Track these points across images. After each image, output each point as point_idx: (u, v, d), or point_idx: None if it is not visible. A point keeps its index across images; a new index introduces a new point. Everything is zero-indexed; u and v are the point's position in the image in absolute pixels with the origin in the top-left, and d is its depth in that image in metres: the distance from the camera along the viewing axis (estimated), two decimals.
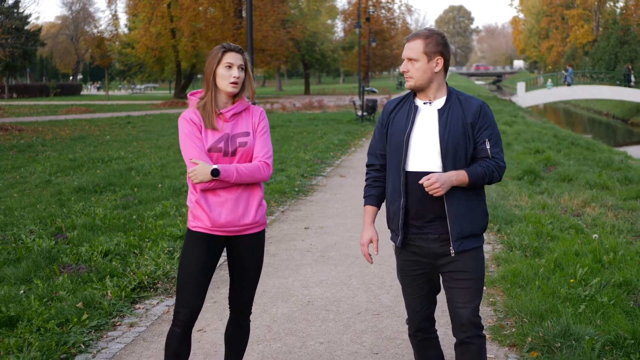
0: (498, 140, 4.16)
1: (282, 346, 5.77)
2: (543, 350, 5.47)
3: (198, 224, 4.34)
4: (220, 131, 4.31)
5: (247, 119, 4.42)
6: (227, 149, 4.31)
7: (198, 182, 4.22)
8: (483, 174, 4.07)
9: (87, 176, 14.56)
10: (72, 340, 5.69)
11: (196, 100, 4.40)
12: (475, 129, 4.10)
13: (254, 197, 4.40)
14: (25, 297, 6.62)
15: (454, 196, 4.03)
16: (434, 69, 4.11)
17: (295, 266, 8.17)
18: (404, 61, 4.16)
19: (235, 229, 4.36)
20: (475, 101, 4.15)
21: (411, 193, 4.08)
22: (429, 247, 4.11)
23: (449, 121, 4.07)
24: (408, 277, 4.25)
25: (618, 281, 7.08)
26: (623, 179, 14.30)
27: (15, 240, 8.91)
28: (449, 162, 4.03)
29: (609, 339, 5.56)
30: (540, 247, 8.55)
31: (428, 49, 4.09)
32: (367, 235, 4.31)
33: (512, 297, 6.72)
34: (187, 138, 4.28)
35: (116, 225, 9.72)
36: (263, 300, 6.90)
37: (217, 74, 4.30)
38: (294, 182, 13.88)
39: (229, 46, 4.34)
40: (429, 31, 4.17)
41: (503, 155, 4.18)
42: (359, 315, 6.49)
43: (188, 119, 4.31)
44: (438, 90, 4.16)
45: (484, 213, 4.21)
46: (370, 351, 5.64)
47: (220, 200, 4.30)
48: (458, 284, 4.12)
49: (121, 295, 6.82)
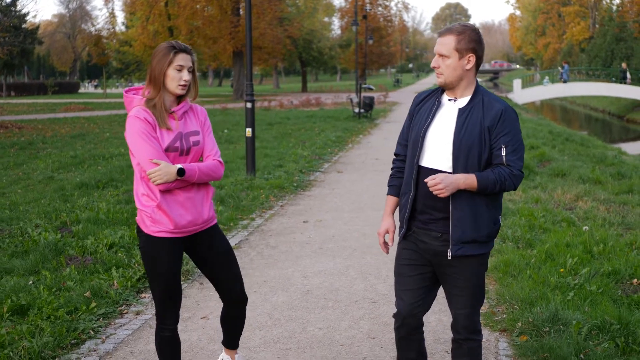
0: (518, 147, 4.01)
1: (283, 332, 6.02)
2: (532, 334, 5.72)
3: (160, 229, 4.27)
4: (174, 130, 4.28)
5: (194, 118, 4.41)
6: (183, 148, 4.29)
7: (162, 183, 4.15)
8: (494, 180, 3.94)
9: (88, 172, 14.79)
10: (82, 327, 5.94)
11: (139, 98, 4.31)
12: (492, 134, 3.97)
13: (208, 194, 4.44)
14: (35, 287, 6.87)
15: (460, 199, 3.95)
16: (465, 67, 4.01)
17: (295, 258, 8.41)
18: (435, 56, 4.07)
19: (195, 227, 4.37)
20: (498, 104, 4.02)
21: (421, 188, 4.04)
22: (431, 244, 4.07)
23: (466, 122, 3.97)
24: (404, 265, 4.20)
25: (607, 271, 7.34)
26: (616, 174, 14.55)
27: (22, 233, 9.15)
28: (460, 163, 3.95)
29: (596, 324, 5.81)
30: (532, 239, 8.80)
31: (460, 45, 3.98)
32: (384, 225, 4.30)
33: (504, 286, 6.98)
34: (142, 138, 4.17)
35: (120, 219, 9.96)
36: (264, 290, 7.15)
37: (167, 75, 4.23)
38: (293, 177, 14.13)
39: (180, 46, 4.26)
40: (462, 26, 4.04)
41: (522, 164, 4.03)
42: (356, 303, 6.75)
43: (142, 118, 4.19)
44: (466, 88, 4.06)
45: (492, 221, 4.08)
46: (367, 336, 5.89)
47: (179, 200, 4.28)
48: (454, 290, 4.11)
49: (127, 285, 7.07)
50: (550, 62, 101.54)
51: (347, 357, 5.47)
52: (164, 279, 4.34)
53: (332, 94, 65.19)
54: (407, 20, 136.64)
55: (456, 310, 4.13)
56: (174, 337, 4.50)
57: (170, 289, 4.37)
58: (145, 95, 4.29)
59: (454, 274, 4.07)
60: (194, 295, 6.96)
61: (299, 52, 78.70)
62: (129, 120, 4.23)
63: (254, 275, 7.66)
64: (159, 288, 4.36)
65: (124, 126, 4.28)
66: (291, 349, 5.63)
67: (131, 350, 5.62)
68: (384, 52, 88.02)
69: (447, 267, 4.07)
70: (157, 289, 4.37)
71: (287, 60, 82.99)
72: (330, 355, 5.51)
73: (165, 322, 4.44)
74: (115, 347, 5.70)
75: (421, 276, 4.18)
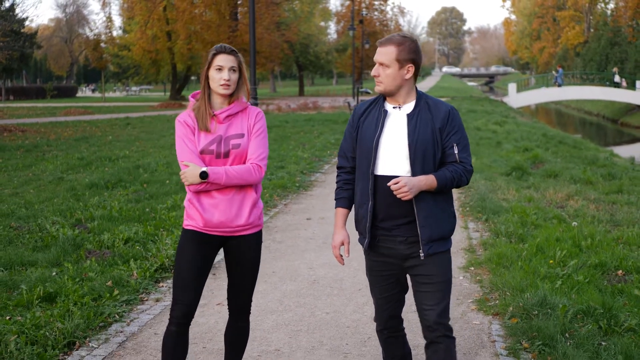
0: (466, 144, 4.20)
1: (293, 316, 6.53)
2: (522, 317, 6.23)
3: (191, 223, 4.39)
4: (213, 133, 4.32)
5: (242, 120, 4.42)
6: (220, 151, 4.32)
7: (188, 184, 4.27)
8: (451, 178, 4.09)
9: (97, 173, 15.27)
10: (108, 312, 6.44)
11: (193, 102, 4.45)
12: (443, 134, 4.12)
13: (247, 198, 4.40)
14: (59, 278, 7.37)
15: (423, 200, 4.06)
16: (404, 76, 4.12)
17: (300, 251, 8.92)
18: (376, 64, 4.17)
19: (228, 229, 4.38)
20: (444, 106, 4.18)
21: (380, 197, 4.11)
22: (397, 249, 4.15)
23: (417, 126, 4.09)
24: (376, 277, 4.31)
25: (594, 263, 7.86)
26: (607, 174, 15.11)
27: (40, 229, 9.64)
28: (418, 166, 4.06)
29: (581, 308, 6.31)
30: (524, 234, 9.32)
31: (400, 56, 4.08)
32: (338, 238, 4.34)
33: (496, 276, 7.50)
34: (181, 140, 4.32)
35: (132, 216, 10.47)
36: (273, 280, 7.66)
37: (209, 77, 4.34)
38: (294, 177, 14.65)
39: (221, 48, 4.35)
40: (402, 37, 4.13)
41: (471, 159, 4.22)
42: (359, 290, 7.26)
43: (182, 122, 4.36)
44: (407, 95, 4.18)
45: (451, 216, 4.24)
46: (370, 319, 6.39)
47: (213, 201, 4.33)
48: (425, 287, 4.16)
49: (145, 275, 7.57)
50: (545, 66, 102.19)
51: (353, 337, 5.99)
52: (180, 270, 4.39)
53: (329, 97, 65.80)
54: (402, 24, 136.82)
55: (429, 308, 4.16)
56: (180, 335, 4.47)
57: (184, 281, 4.38)
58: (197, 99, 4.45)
59: (426, 272, 4.14)
60: (209, 285, 7.43)
61: (296, 57, 79.24)
62: (175, 123, 4.44)
63: (263, 267, 8.13)
64: (176, 277, 4.41)
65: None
66: (301, 330, 6.15)
67: (154, 331, 6.12)
68: None
69: (419, 267, 4.15)
70: (174, 278, 4.43)
71: (284, 64, 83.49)
72: (337, 335, 6.03)
73: (173, 313, 4.43)
74: (140, 329, 6.20)
75: (394, 281, 4.30)
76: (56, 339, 5.67)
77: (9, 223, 10.02)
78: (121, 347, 5.80)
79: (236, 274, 4.56)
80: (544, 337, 5.71)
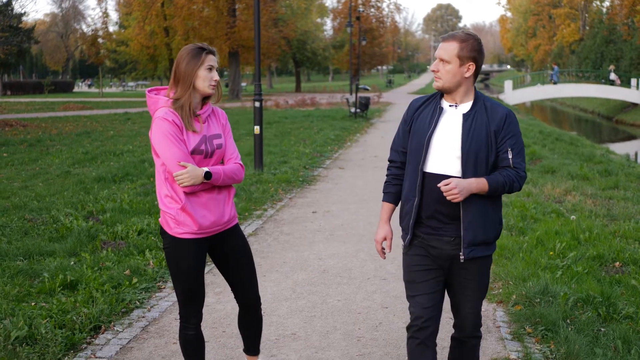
0: (521, 150, 4.10)
1: (307, 303, 6.83)
2: (525, 304, 6.54)
3: (184, 230, 4.32)
4: (199, 133, 4.32)
5: (215, 121, 4.46)
6: (207, 151, 4.33)
7: (189, 185, 4.20)
8: (503, 183, 4.01)
9: (103, 167, 15.55)
10: (129, 298, 6.73)
11: (165, 99, 4.32)
12: (498, 137, 4.04)
13: (230, 194, 4.49)
14: (78, 267, 7.65)
15: (470, 203, 3.99)
16: (464, 74, 4.05)
17: (309, 243, 9.21)
18: (436, 60, 4.11)
19: (217, 228, 4.42)
20: (501, 109, 4.10)
21: (426, 194, 4.06)
22: (442, 248, 4.09)
23: (472, 127, 4.02)
24: (417, 272, 4.17)
25: (592, 255, 8.16)
26: (603, 171, 15.47)
27: (54, 221, 9.91)
28: (469, 168, 3.99)
29: (581, 297, 6.62)
30: (524, 227, 9.62)
31: (462, 53, 4.02)
32: (381, 233, 4.32)
33: (499, 266, 7.80)
34: (169, 139, 4.20)
35: (142, 209, 10.74)
36: (284, 269, 7.95)
37: (198, 75, 4.27)
38: (298, 172, 14.95)
39: (209, 48, 4.33)
40: (466, 34, 4.07)
41: (525, 165, 4.12)
42: (368, 280, 7.56)
43: (170, 120, 4.21)
44: (466, 94, 4.11)
45: (498, 221, 4.15)
46: (380, 306, 6.71)
47: (202, 201, 4.33)
48: (465, 291, 4.17)
49: (161, 264, 7.86)
50: (540, 64, 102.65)
51: (365, 322, 6.29)
52: (187, 279, 4.40)
53: (326, 94, 66.09)
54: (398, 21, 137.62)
55: (466, 311, 4.20)
56: (198, 336, 4.58)
57: (194, 289, 4.44)
58: (171, 96, 4.32)
59: (466, 276, 4.13)
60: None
61: (293, 53, 79.47)
62: (155, 121, 4.24)
63: (274, 258, 8.46)
64: (183, 288, 4.43)
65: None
66: (315, 316, 6.45)
67: (175, 317, 6.40)
68: (376, 53, 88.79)
69: (460, 270, 4.12)
70: (181, 289, 4.44)
71: (281, 60, 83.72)
72: (350, 320, 6.33)
73: (189, 321, 4.51)
74: (160, 314, 6.50)
75: (434, 280, 4.16)
76: (83, 323, 5.96)
77: (22, 215, 10.28)
78: (144, 331, 6.09)
79: (233, 269, 4.61)
80: (547, 322, 6.02)
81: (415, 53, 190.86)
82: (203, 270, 4.49)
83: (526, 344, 5.74)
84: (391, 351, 5.63)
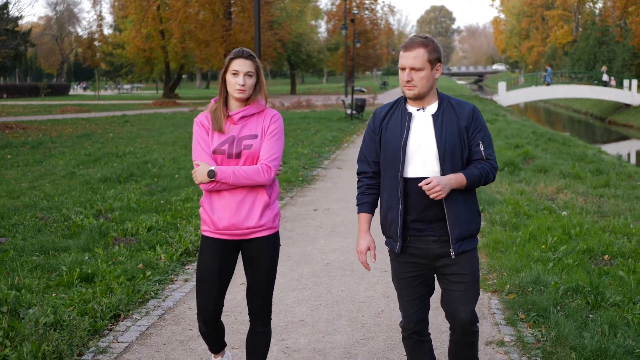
0: (490, 142, 4.23)
1: (312, 293, 7.24)
2: (518, 293, 6.95)
3: (205, 228, 4.45)
4: (226, 133, 4.36)
5: (257, 122, 4.43)
6: (231, 151, 4.34)
7: (199, 183, 4.31)
8: (479, 175, 4.12)
9: (106, 168, 15.92)
10: (144, 289, 7.13)
11: (212, 104, 4.50)
12: (469, 132, 4.15)
13: (259, 200, 4.39)
14: (92, 261, 8.03)
15: (452, 199, 4.08)
16: (435, 76, 4.16)
17: (311, 239, 9.62)
18: (406, 70, 4.12)
19: (239, 232, 4.39)
20: (467, 105, 4.22)
21: (411, 199, 4.12)
22: (428, 248, 4.16)
23: (444, 126, 4.11)
24: (405, 279, 4.28)
25: (582, 248, 8.57)
26: (595, 170, 15.92)
27: (65, 219, 10.29)
28: (447, 166, 4.08)
29: (571, 286, 7.02)
30: (517, 223, 10.04)
31: (431, 56, 4.09)
32: (364, 244, 4.35)
33: (493, 259, 8.21)
34: (195, 141, 4.39)
35: (149, 207, 11.13)
36: (289, 263, 8.35)
37: (226, 80, 4.38)
38: (297, 172, 15.36)
39: (238, 53, 4.37)
40: (424, 38, 4.14)
41: (495, 156, 4.25)
42: (370, 272, 7.94)
43: (198, 122, 4.43)
44: (432, 95, 4.21)
45: (477, 214, 4.26)
46: (382, 295, 7.12)
47: (223, 202, 4.36)
48: (457, 287, 4.18)
49: (172, 258, 8.26)
50: (534, 65, 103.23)
51: (368, 310, 6.70)
52: (202, 274, 4.47)
53: (321, 96, 66.55)
54: (392, 23, 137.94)
55: (463, 309, 4.19)
56: (215, 328, 4.64)
57: (208, 286, 4.46)
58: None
59: (457, 271, 4.17)
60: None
61: (288, 55, 79.84)
62: (193, 124, 4.51)
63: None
64: (198, 282, 4.50)
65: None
66: (321, 305, 6.86)
67: (189, 306, 6.81)
68: (371, 55, 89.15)
69: (450, 266, 4.17)
70: (197, 283, 4.52)
71: (276, 63, 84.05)
72: (354, 308, 6.74)
73: (203, 317, 4.55)
74: (175, 304, 6.90)
75: (422, 284, 4.29)
76: (103, 311, 6.36)
77: (34, 214, 10.65)
78: (161, 319, 6.49)
79: (252, 277, 4.58)
80: (538, 309, 6.42)
81: None
82: (223, 272, 4.49)
83: (519, 328, 6.15)
84: (394, 335, 6.04)
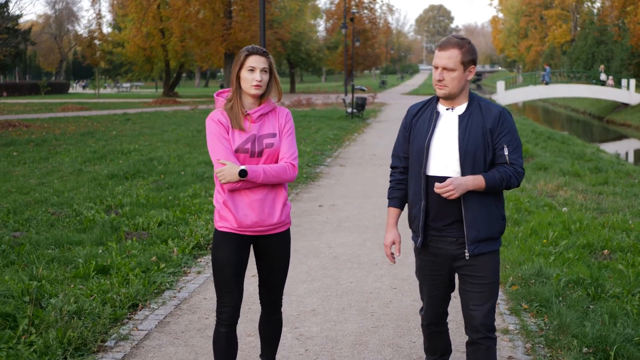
0: (517, 146, 4.20)
1: (322, 284, 7.48)
2: (521, 284, 7.20)
3: (225, 225, 4.42)
4: (248, 132, 4.36)
5: (273, 120, 4.46)
6: (254, 150, 4.35)
7: (225, 183, 4.28)
8: (500, 179, 4.10)
9: (113, 165, 16.15)
10: (159, 281, 7.37)
11: (223, 100, 4.47)
12: (494, 135, 4.14)
13: (279, 197, 4.45)
14: (107, 254, 8.26)
15: (471, 200, 4.11)
16: (467, 77, 4.18)
17: (318, 233, 9.86)
18: (438, 70, 4.17)
19: (261, 229, 4.44)
20: (495, 107, 4.20)
21: (431, 197, 4.18)
22: (446, 249, 4.24)
23: (468, 127, 4.13)
24: (427, 276, 4.43)
25: (582, 243, 8.83)
26: (594, 168, 16.20)
27: (77, 214, 10.52)
28: (468, 167, 4.10)
29: (572, 278, 7.27)
30: (519, 218, 10.29)
31: (464, 58, 4.13)
32: (390, 237, 4.43)
33: None
34: (215, 139, 4.32)
35: (158, 203, 11.37)
36: (298, 256, 8.58)
37: (241, 77, 4.37)
38: (301, 170, 15.60)
39: (253, 49, 4.37)
40: (461, 39, 4.18)
41: (522, 161, 4.22)
42: (376, 265, 8.21)
43: (216, 120, 4.37)
44: (463, 96, 4.23)
45: (500, 217, 4.26)
46: (390, 287, 7.37)
47: (247, 201, 4.37)
48: (472, 287, 4.24)
49: (185, 252, 8.50)
50: (532, 65, 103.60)
51: (377, 300, 6.95)
52: (222, 272, 4.46)
53: (321, 94, 66.81)
54: (391, 22, 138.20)
55: (475, 308, 4.24)
56: (230, 335, 4.57)
57: (228, 283, 4.47)
58: (226, 98, 4.49)
59: (472, 272, 4.22)
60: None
61: (288, 54, 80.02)
62: (206, 121, 4.44)
63: None
64: (217, 280, 4.49)
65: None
66: (331, 295, 7.10)
67: (203, 297, 7.05)
68: (369, 54, 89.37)
69: (466, 267, 4.24)
70: (216, 281, 4.51)
71: (276, 61, 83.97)
72: (362, 299, 6.99)
73: (221, 316, 4.53)
74: (190, 295, 7.14)
75: (442, 281, 4.41)
76: (122, 301, 6.60)
77: (46, 209, 10.89)
78: (177, 308, 6.73)
79: (267, 271, 4.65)
80: (541, 300, 6.67)
81: (408, 54, 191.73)
82: (242, 267, 4.52)
83: (523, 317, 6.40)
84: (402, 324, 6.29)
